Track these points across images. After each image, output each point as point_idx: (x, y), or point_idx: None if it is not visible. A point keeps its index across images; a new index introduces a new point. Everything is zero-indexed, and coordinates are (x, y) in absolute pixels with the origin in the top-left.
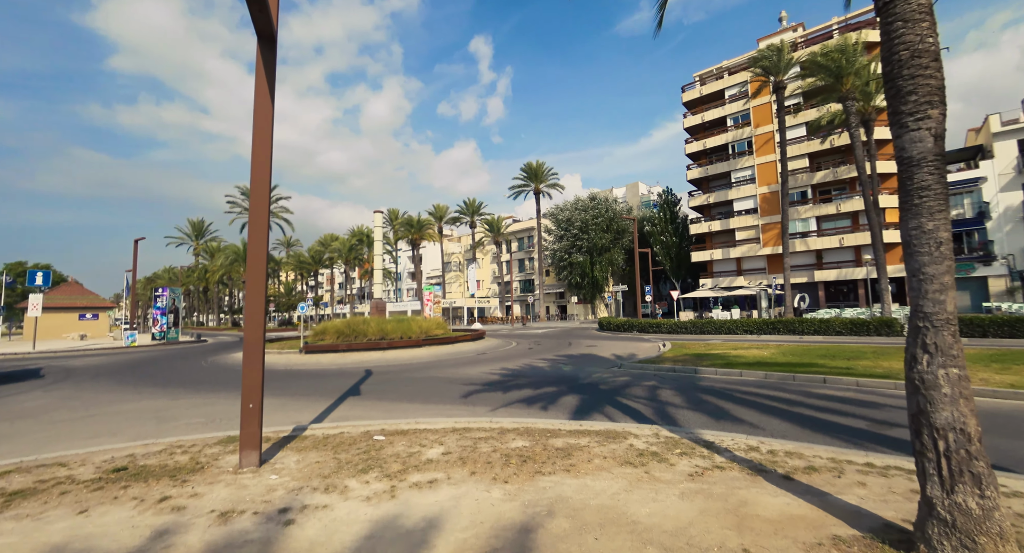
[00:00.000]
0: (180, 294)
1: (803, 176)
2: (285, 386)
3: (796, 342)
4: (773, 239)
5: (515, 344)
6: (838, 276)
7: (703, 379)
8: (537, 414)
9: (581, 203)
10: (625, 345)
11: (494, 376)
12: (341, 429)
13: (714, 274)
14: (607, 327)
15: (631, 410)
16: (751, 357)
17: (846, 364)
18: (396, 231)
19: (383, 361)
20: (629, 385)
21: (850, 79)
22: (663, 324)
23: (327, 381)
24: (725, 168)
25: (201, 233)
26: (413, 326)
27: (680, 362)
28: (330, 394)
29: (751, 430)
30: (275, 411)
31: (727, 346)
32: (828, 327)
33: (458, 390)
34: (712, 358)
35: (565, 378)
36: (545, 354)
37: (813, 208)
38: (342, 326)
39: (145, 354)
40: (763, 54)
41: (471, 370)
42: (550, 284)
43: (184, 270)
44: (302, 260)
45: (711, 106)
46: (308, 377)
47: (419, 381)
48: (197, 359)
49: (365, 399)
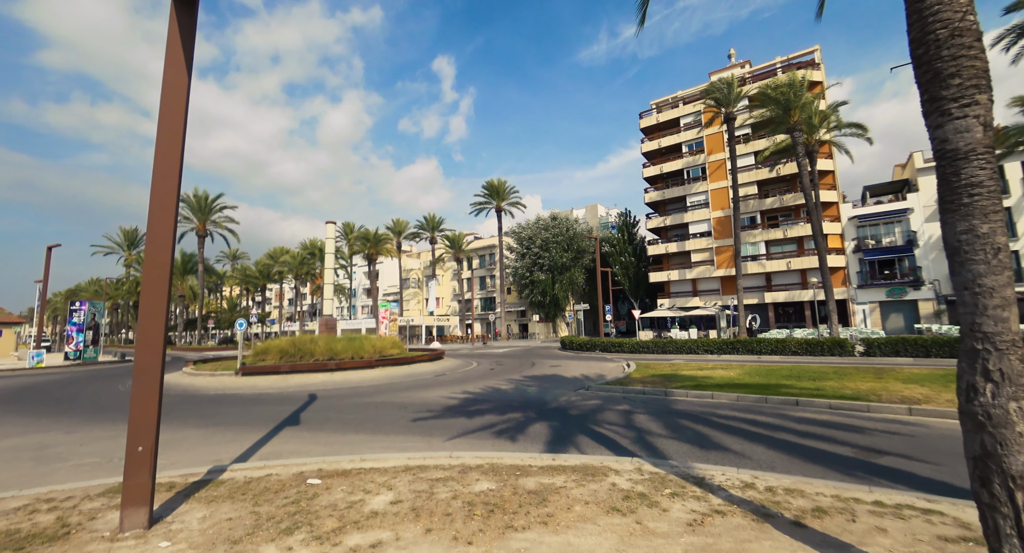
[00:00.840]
0: (103, 308)
1: (753, 202)
2: (213, 414)
3: (756, 362)
4: (726, 261)
5: (476, 364)
6: (787, 298)
7: (676, 402)
8: (503, 445)
9: (542, 222)
10: (589, 365)
11: (454, 400)
12: (269, 470)
13: (671, 294)
14: (570, 346)
15: (607, 439)
16: (719, 378)
17: (813, 385)
18: (351, 245)
19: (330, 384)
20: (600, 409)
21: (797, 112)
22: (625, 344)
23: (264, 408)
24: (681, 192)
25: (135, 242)
26: (366, 345)
27: (650, 384)
28: (264, 424)
29: (739, 460)
30: (195, 446)
31: (692, 366)
32: (784, 347)
33: (413, 417)
34: (681, 379)
35: (531, 402)
36: (508, 375)
37: (763, 233)
38: (286, 345)
39: (53, 377)
40: (715, 87)
41: (428, 394)
42: (512, 302)
43: (112, 283)
44: (248, 274)
45: (667, 133)
46: (242, 403)
47: (369, 407)
48: (114, 382)
49: (305, 429)
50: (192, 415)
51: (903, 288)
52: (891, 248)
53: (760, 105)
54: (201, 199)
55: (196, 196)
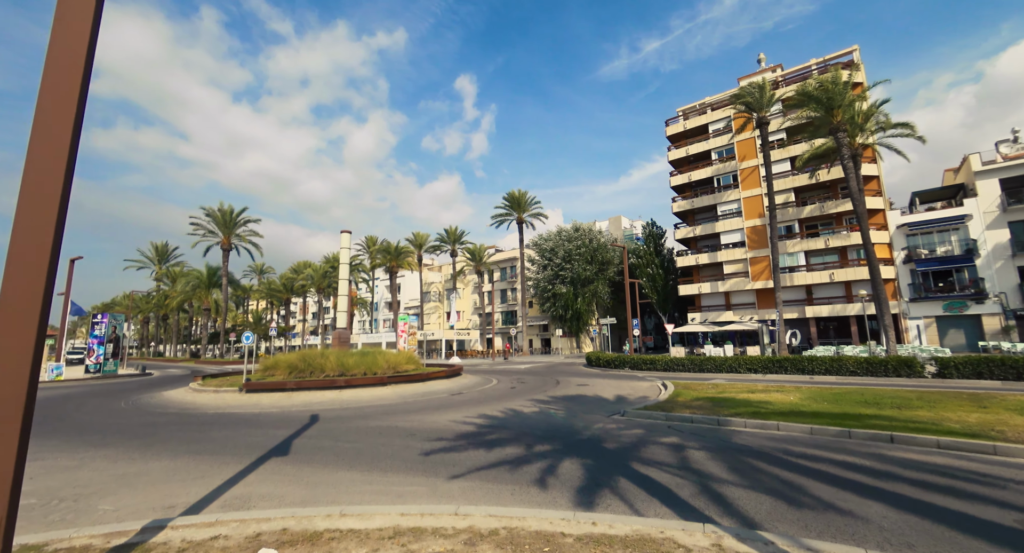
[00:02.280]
0: (122, 321)
1: (790, 210)
2: (198, 439)
3: (811, 384)
4: (762, 273)
5: (496, 382)
6: (830, 312)
7: (735, 434)
8: (526, 494)
9: (565, 233)
10: (620, 384)
11: (468, 426)
12: (220, 529)
13: (702, 308)
14: (596, 363)
15: (659, 488)
16: (778, 403)
17: (901, 415)
18: (373, 258)
19: (337, 403)
20: (644, 442)
21: (840, 111)
22: (658, 361)
23: (256, 432)
24: (711, 201)
25: (165, 257)
26: (379, 360)
27: (698, 410)
28: (248, 453)
29: (855, 527)
30: (154, 483)
31: (740, 388)
32: (840, 367)
33: (419, 448)
34: (732, 404)
35: (558, 430)
36: (530, 395)
37: (801, 242)
38: (296, 360)
39: (64, 391)
40: (745, 91)
41: (441, 417)
42: (533, 316)
43: (143, 296)
44: (273, 287)
45: (695, 140)
46: (235, 425)
47: (371, 433)
48: (121, 398)
49: (291, 462)
50: (174, 439)
51: (963, 302)
52: (947, 258)
53: (798, 106)
54: (226, 213)
55: (221, 210)
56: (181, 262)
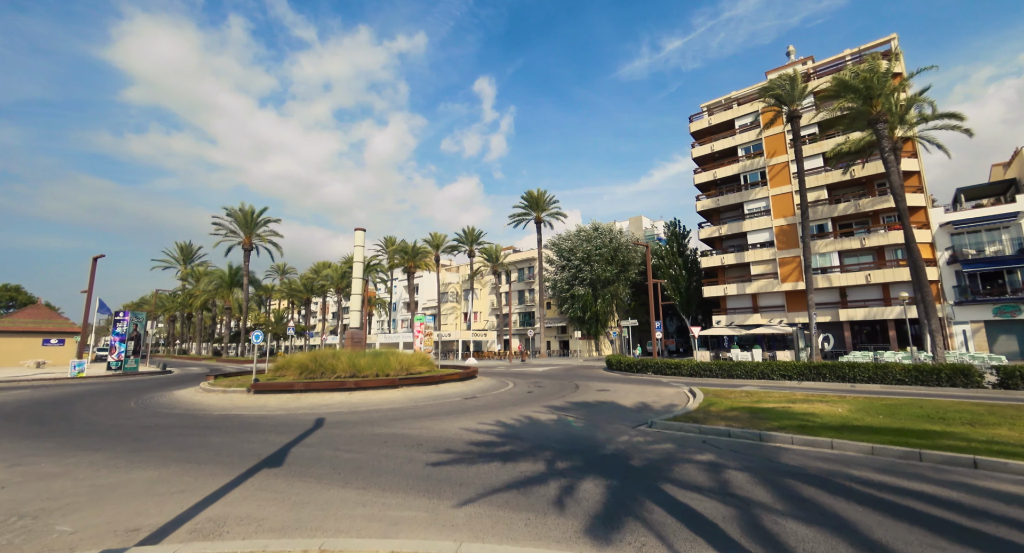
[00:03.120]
0: (143, 319)
1: (823, 208)
2: (193, 445)
3: (855, 393)
4: (792, 274)
5: (512, 385)
6: (866, 315)
7: (781, 452)
8: (540, 524)
9: (584, 233)
10: (644, 390)
11: (480, 435)
12: None
13: (728, 311)
14: (617, 367)
15: (701, 521)
16: (825, 416)
17: (977, 433)
18: (391, 258)
19: (345, 406)
20: (675, 460)
21: (881, 101)
22: (683, 365)
23: (255, 438)
24: (737, 199)
25: (190, 257)
26: (392, 361)
27: (734, 421)
28: (242, 462)
29: None
30: (129, 499)
31: (778, 398)
32: (886, 375)
33: (424, 460)
34: (773, 416)
35: (578, 443)
36: (548, 400)
37: (834, 242)
38: (307, 360)
39: (83, 388)
40: (775, 83)
41: (452, 424)
42: (551, 318)
43: (168, 295)
44: (294, 288)
45: (720, 136)
46: (237, 429)
47: (375, 442)
48: (133, 396)
49: (282, 476)
50: (168, 445)
51: (1015, 305)
52: (997, 258)
53: (832, 98)
54: (247, 214)
55: (243, 210)
56: (205, 262)
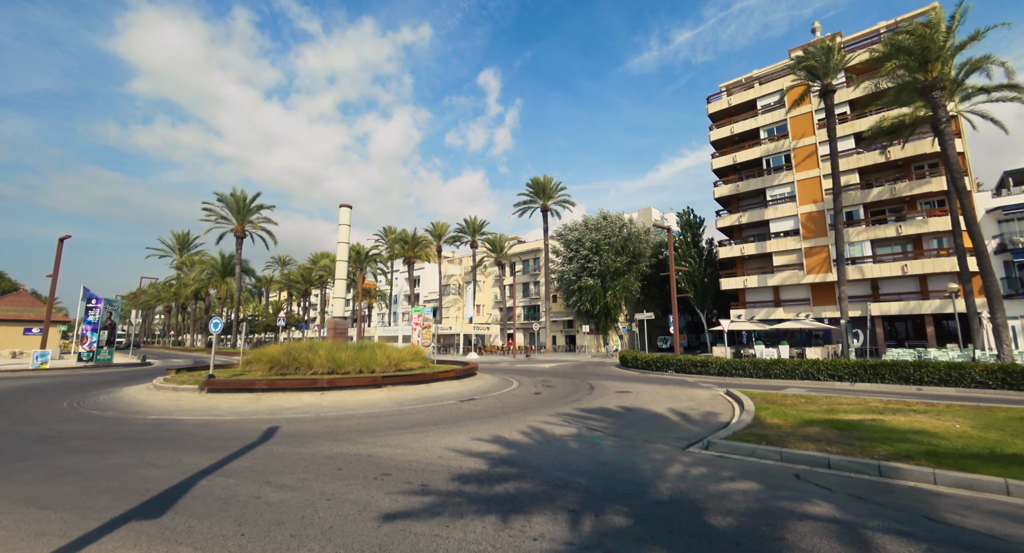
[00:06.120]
0: (119, 307)
1: (854, 194)
2: (73, 469)
3: (935, 398)
4: (819, 265)
5: (516, 384)
6: (900, 310)
7: (929, 498)
8: None
9: (592, 222)
10: (671, 392)
11: (472, 460)
12: None
13: (747, 304)
14: (633, 364)
15: None
16: (947, 435)
17: None
18: (391, 248)
19: (312, 411)
20: (774, 514)
21: (937, 66)
22: (710, 363)
23: (165, 458)
24: (759, 184)
25: (186, 246)
26: (379, 356)
27: (823, 442)
28: (108, 505)
29: None
30: None
31: (846, 405)
32: (963, 376)
33: (383, 507)
34: (872, 434)
35: (613, 476)
36: (560, 405)
37: (867, 230)
38: (279, 354)
39: (34, 382)
40: (809, 53)
41: (438, 440)
42: (557, 311)
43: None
44: (292, 279)
45: (740, 117)
46: (153, 443)
47: (326, 470)
48: (76, 394)
49: (156, 535)
50: (37, 469)
51: None
52: None
53: (885, 59)
54: (240, 199)
55: (235, 196)
56: (201, 251)
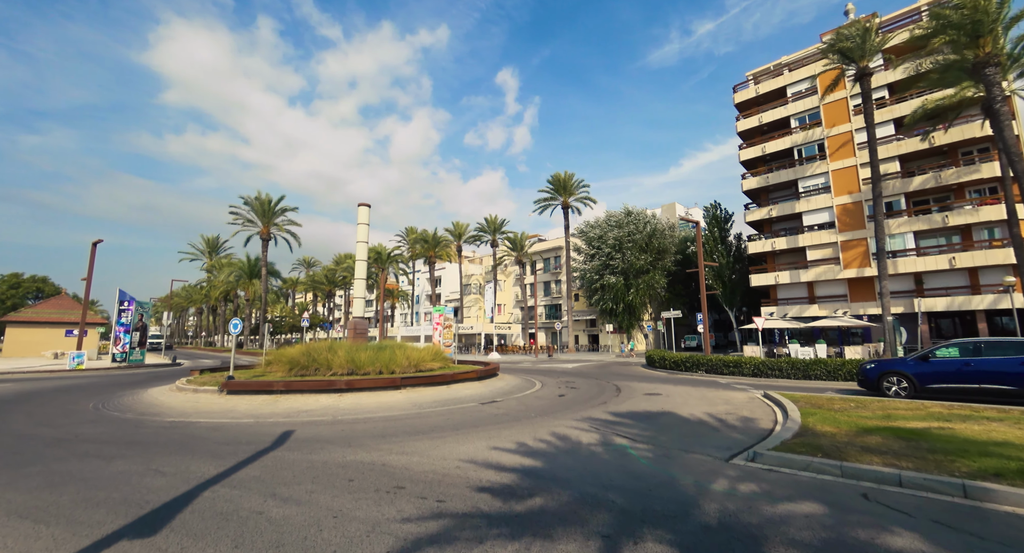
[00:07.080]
0: (149, 308)
1: (894, 183)
2: (77, 475)
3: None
4: (857, 259)
5: (539, 386)
6: (947, 306)
7: None
8: None
9: (615, 218)
10: (705, 395)
11: (493, 473)
12: None
13: (778, 301)
14: (660, 364)
15: None
16: None
17: None
18: (412, 248)
19: (329, 414)
20: (847, 544)
21: (989, 40)
22: (744, 364)
23: (173, 465)
24: (790, 176)
25: (216, 249)
26: (398, 356)
27: (888, 456)
28: (104, 519)
29: None
30: None
31: (907, 410)
32: None
33: (393, 529)
34: (942, 446)
35: (650, 493)
36: (586, 409)
37: (909, 222)
38: (298, 354)
39: (68, 382)
40: (843, 35)
41: (457, 447)
42: (579, 310)
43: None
44: (316, 280)
45: (769, 106)
46: (164, 448)
47: (336, 481)
48: (104, 394)
49: None
50: (42, 474)
51: None
52: None
53: (931, 35)
54: (264, 203)
55: (259, 199)
56: (229, 254)
